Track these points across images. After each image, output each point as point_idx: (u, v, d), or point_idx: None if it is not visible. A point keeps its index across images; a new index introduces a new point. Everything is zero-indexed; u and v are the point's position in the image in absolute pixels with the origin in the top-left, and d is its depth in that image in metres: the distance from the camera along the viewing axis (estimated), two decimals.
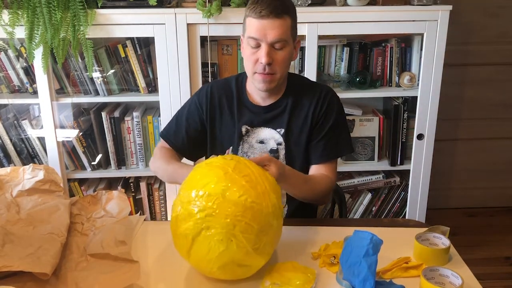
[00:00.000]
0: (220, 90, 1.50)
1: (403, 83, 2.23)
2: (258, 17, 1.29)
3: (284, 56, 1.35)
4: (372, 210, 2.45)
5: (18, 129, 2.18)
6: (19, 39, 2.06)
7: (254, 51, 1.34)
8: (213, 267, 1.02)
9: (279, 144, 1.45)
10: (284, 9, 1.31)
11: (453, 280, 1.01)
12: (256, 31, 1.30)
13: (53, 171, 1.38)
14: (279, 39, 1.31)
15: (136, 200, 2.34)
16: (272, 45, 1.32)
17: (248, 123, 1.46)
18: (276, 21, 1.29)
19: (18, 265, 1.01)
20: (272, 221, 1.04)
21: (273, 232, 1.05)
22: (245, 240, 0.99)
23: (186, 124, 1.51)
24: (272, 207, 1.03)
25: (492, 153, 2.88)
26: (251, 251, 1.00)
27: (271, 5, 1.28)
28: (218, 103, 1.49)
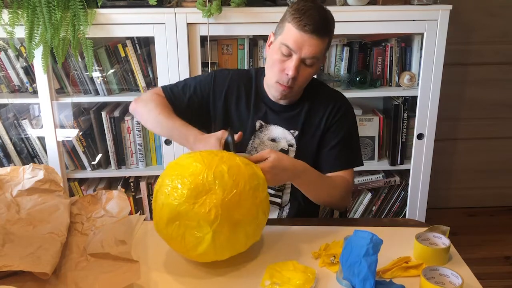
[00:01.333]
0: (241, 79, 1.48)
1: (403, 82, 2.23)
2: (300, 29, 1.26)
3: (311, 72, 1.34)
4: (372, 209, 2.45)
5: (18, 128, 2.18)
6: (19, 39, 2.06)
7: (283, 59, 1.31)
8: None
9: (291, 145, 1.44)
10: (327, 30, 1.30)
11: (453, 280, 1.01)
12: (294, 42, 1.28)
13: (53, 171, 1.38)
14: (313, 56, 1.29)
15: (136, 199, 2.34)
16: (303, 60, 1.30)
17: (263, 119, 1.45)
18: (316, 40, 1.27)
19: (18, 264, 1.01)
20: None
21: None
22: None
23: (193, 92, 1.47)
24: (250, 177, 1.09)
25: (492, 153, 2.88)
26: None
27: (317, 23, 1.26)
28: (237, 91, 1.47)
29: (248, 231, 1.08)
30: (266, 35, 2.14)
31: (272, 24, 1.99)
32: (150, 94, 1.46)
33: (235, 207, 1.04)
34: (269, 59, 1.37)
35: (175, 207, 1.04)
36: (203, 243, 1.04)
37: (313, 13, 1.26)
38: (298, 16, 1.26)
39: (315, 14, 1.26)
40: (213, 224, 1.02)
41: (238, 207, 1.05)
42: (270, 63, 1.36)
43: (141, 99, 1.46)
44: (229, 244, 1.07)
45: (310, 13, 1.26)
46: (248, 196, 1.06)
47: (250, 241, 1.12)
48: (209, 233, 1.02)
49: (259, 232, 1.14)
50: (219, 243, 1.04)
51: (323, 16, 1.28)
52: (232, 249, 1.09)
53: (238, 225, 1.05)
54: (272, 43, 1.37)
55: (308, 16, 1.26)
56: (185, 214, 1.03)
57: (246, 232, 1.08)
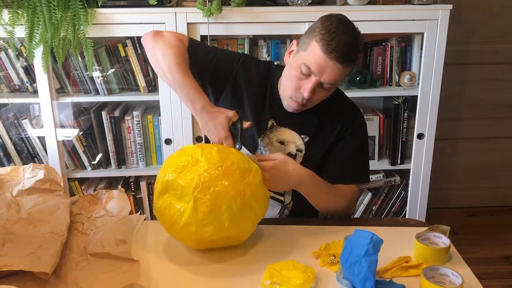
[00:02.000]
0: (262, 75, 1.43)
1: (403, 82, 2.23)
2: (326, 54, 1.20)
3: (325, 95, 1.31)
4: (372, 209, 2.45)
5: (18, 128, 2.18)
6: (19, 38, 2.06)
7: (301, 77, 1.26)
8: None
9: (299, 150, 1.40)
10: (353, 58, 1.25)
11: (453, 279, 1.01)
12: (316, 65, 1.22)
13: (53, 171, 1.38)
14: (332, 82, 1.26)
15: (136, 199, 2.34)
16: (321, 84, 1.26)
17: (275, 118, 1.41)
18: (340, 67, 1.22)
19: (18, 264, 1.01)
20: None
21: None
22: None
23: (215, 62, 1.40)
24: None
25: (492, 153, 2.88)
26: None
27: (345, 50, 1.20)
28: (258, 86, 1.41)
29: (232, 207, 1.07)
30: (266, 34, 2.16)
31: (272, 24, 2.02)
32: (174, 38, 1.35)
33: (218, 179, 1.07)
34: (288, 71, 1.32)
35: (164, 179, 1.11)
36: (186, 212, 1.07)
37: (343, 39, 1.20)
38: (327, 40, 1.19)
39: (345, 40, 1.20)
40: (195, 191, 1.05)
41: (222, 179, 1.07)
42: (287, 76, 1.31)
43: (163, 38, 1.35)
44: (211, 216, 1.06)
45: (340, 39, 1.19)
46: (234, 173, 1.09)
47: (236, 222, 1.10)
48: (191, 200, 1.05)
49: (248, 217, 1.12)
50: (201, 211, 1.06)
51: (352, 43, 1.22)
52: (215, 223, 1.07)
53: (220, 195, 1.06)
54: (294, 54, 1.31)
55: (338, 41, 1.19)
56: (171, 184, 1.09)
57: (230, 207, 1.07)
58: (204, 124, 1.25)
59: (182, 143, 2.13)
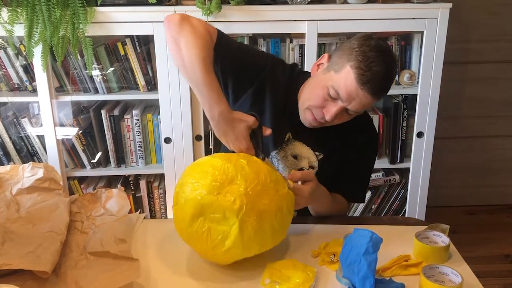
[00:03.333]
0: (284, 81, 1.34)
1: (403, 81, 2.23)
2: (359, 83, 1.14)
3: (349, 118, 1.26)
4: (371, 208, 2.45)
5: (18, 127, 2.18)
6: (18, 37, 2.06)
7: (327, 98, 1.20)
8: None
9: (312, 167, 1.36)
10: (386, 92, 1.21)
11: (453, 278, 1.01)
12: (347, 93, 1.16)
13: (53, 169, 1.38)
14: (359, 111, 1.22)
15: (136, 198, 2.34)
16: (347, 110, 1.21)
17: (292, 131, 1.35)
18: (371, 98, 1.17)
19: (18, 263, 1.01)
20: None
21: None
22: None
23: (242, 62, 1.30)
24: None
25: (492, 151, 2.88)
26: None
27: (379, 83, 1.15)
28: (283, 97, 1.33)
29: (274, 224, 1.05)
30: (265, 33, 2.15)
31: (271, 22, 2.01)
32: (203, 28, 1.19)
33: (259, 197, 1.02)
34: (313, 87, 1.25)
35: (198, 201, 1.02)
36: (230, 236, 1.01)
37: (379, 70, 1.14)
38: (363, 68, 1.13)
39: (381, 72, 1.14)
40: (239, 213, 1.00)
41: (262, 197, 1.03)
42: (312, 92, 1.25)
43: (191, 25, 1.18)
44: (257, 236, 1.03)
45: (377, 70, 1.13)
46: (270, 188, 1.05)
47: (277, 237, 1.09)
48: (236, 223, 1.00)
49: (285, 229, 1.11)
50: (247, 235, 1.01)
51: (388, 76, 1.17)
52: (260, 242, 1.06)
53: (264, 215, 1.03)
54: (323, 70, 1.25)
55: (374, 73, 1.13)
56: (209, 207, 1.01)
57: (272, 225, 1.05)
58: (223, 133, 1.15)
59: (181, 142, 2.13)
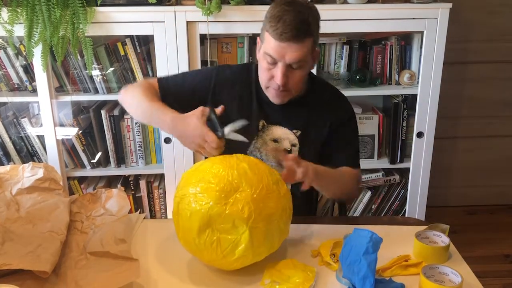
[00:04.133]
0: (242, 78, 1.44)
1: (403, 81, 2.23)
2: (277, 38, 1.22)
3: (301, 74, 1.31)
4: (371, 208, 2.45)
5: (18, 127, 2.18)
6: (18, 37, 2.06)
7: (270, 67, 1.28)
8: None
9: (293, 145, 1.42)
10: (306, 32, 1.23)
11: (453, 278, 1.01)
12: (274, 52, 1.24)
13: (53, 169, 1.38)
14: (298, 61, 1.25)
15: (136, 198, 2.34)
16: (290, 65, 1.26)
17: (265, 119, 1.42)
18: (296, 45, 1.22)
19: (18, 263, 1.01)
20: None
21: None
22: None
23: (191, 82, 1.44)
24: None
25: (492, 151, 2.88)
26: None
27: (293, 28, 1.20)
28: (239, 91, 1.43)
29: (280, 225, 1.06)
30: None
31: None
32: (141, 81, 1.43)
33: (265, 202, 1.03)
34: (260, 66, 1.34)
35: (206, 213, 1.00)
36: (240, 244, 1.01)
37: (288, 19, 1.20)
38: (274, 25, 1.21)
39: (291, 19, 1.20)
40: (249, 221, 1.00)
41: (268, 201, 1.03)
42: (260, 70, 1.34)
43: (130, 85, 1.42)
44: (266, 240, 1.04)
45: (286, 19, 1.20)
46: (274, 190, 1.06)
47: (283, 237, 1.10)
48: (246, 231, 1.00)
49: (288, 226, 1.12)
50: (257, 241, 1.02)
51: (301, 20, 1.22)
52: (268, 246, 1.06)
53: (271, 219, 1.04)
54: (259, 49, 1.34)
55: (284, 23, 1.20)
56: (217, 218, 1.00)
57: (279, 226, 1.06)
58: (180, 134, 1.23)
59: None
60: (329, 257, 1.12)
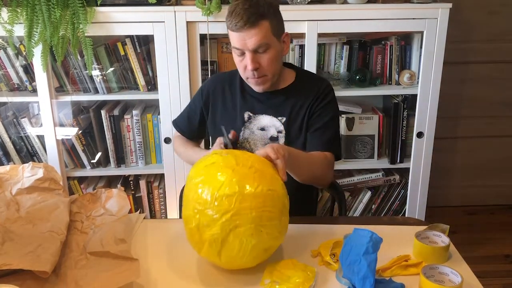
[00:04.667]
0: (224, 81, 1.57)
1: (403, 81, 2.23)
2: (234, 29, 1.34)
3: (270, 57, 1.38)
4: (371, 208, 2.45)
5: (18, 127, 2.18)
6: (18, 37, 2.06)
7: (240, 58, 1.39)
8: (246, 260, 1.05)
9: (280, 132, 1.49)
10: (258, 16, 1.32)
11: (453, 278, 1.01)
12: (236, 42, 1.36)
13: (53, 169, 1.38)
14: (259, 45, 1.34)
15: (136, 198, 2.34)
16: (256, 51, 1.36)
17: (250, 110, 1.51)
18: (252, 30, 1.32)
19: (18, 263, 1.01)
20: (285, 200, 1.09)
21: (287, 210, 1.10)
22: (272, 227, 1.03)
23: (193, 113, 1.62)
24: (283, 188, 1.09)
25: (492, 151, 2.88)
26: (278, 235, 1.06)
27: (244, 16, 1.31)
28: (221, 93, 1.55)
29: (285, 203, 1.10)
30: None
31: None
32: (174, 138, 1.69)
33: (267, 220, 1.04)
34: (235, 62, 1.44)
35: (224, 228, 1.01)
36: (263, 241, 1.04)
37: (238, 9, 1.31)
38: (229, 19, 1.34)
39: (240, 8, 1.31)
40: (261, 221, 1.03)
41: (270, 217, 1.04)
42: (237, 65, 1.44)
43: (174, 147, 1.71)
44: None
45: (236, 10, 1.32)
46: (266, 177, 1.07)
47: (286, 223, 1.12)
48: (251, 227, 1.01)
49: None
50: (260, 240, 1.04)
51: (250, 5, 1.31)
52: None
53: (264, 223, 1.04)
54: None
55: (235, 14, 1.32)
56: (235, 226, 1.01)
57: (284, 204, 1.10)
58: None
59: None
60: (329, 257, 1.12)
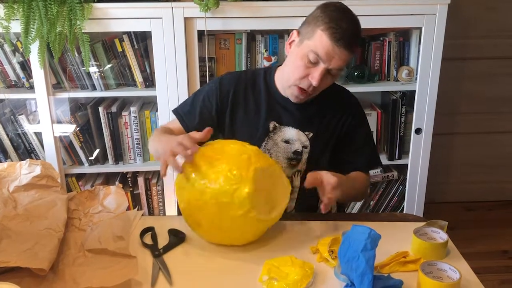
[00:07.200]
0: (246, 82, 1.45)
1: (401, 77, 2.23)
2: (334, 41, 1.22)
3: (332, 81, 1.34)
4: (370, 204, 2.45)
5: (15, 124, 2.17)
6: (15, 34, 2.05)
7: (308, 65, 1.28)
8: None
9: (304, 147, 1.42)
10: (356, 45, 1.28)
11: (451, 274, 1.01)
12: (325, 53, 1.24)
13: (50, 166, 1.37)
14: (340, 68, 1.28)
15: (134, 195, 2.33)
16: (329, 70, 1.28)
17: (276, 120, 1.42)
18: (347, 53, 1.25)
19: (16, 260, 1.01)
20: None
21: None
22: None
23: (202, 105, 1.45)
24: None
25: (490, 147, 2.89)
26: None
27: (350, 36, 1.23)
28: (244, 97, 1.44)
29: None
30: (263, 29, 2.15)
31: (269, 18, 2.01)
32: (159, 128, 1.47)
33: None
34: (293, 61, 1.32)
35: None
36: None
37: (347, 26, 1.23)
38: (333, 27, 1.22)
39: (350, 27, 1.24)
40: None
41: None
42: (292, 66, 1.32)
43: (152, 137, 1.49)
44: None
45: (346, 26, 1.23)
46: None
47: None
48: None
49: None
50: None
51: (356, 30, 1.27)
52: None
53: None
54: (296, 44, 1.32)
55: (344, 29, 1.23)
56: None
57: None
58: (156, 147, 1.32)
59: None
60: (328, 254, 1.12)
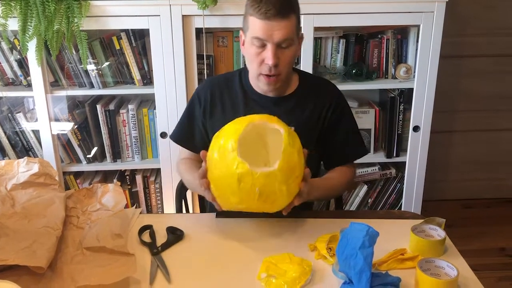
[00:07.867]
0: (222, 86, 1.47)
1: (399, 75, 2.23)
2: (263, 18, 1.24)
3: (291, 55, 1.32)
4: (368, 202, 2.46)
5: (13, 122, 2.17)
6: (12, 31, 2.04)
7: (259, 51, 1.30)
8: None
9: None
10: (290, 8, 1.27)
11: (449, 271, 1.01)
12: (262, 32, 1.26)
13: (48, 164, 1.37)
14: (285, 38, 1.27)
15: (132, 193, 2.33)
16: (279, 45, 1.28)
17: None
18: (282, 22, 1.25)
19: (14, 258, 1.01)
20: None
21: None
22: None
23: (193, 123, 1.50)
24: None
25: (488, 145, 2.89)
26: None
27: (276, 4, 1.23)
28: (220, 99, 1.46)
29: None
30: None
31: None
32: (178, 159, 1.55)
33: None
34: (247, 56, 1.36)
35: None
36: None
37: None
38: (256, 5, 1.25)
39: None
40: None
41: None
42: (249, 59, 1.36)
43: (176, 169, 1.57)
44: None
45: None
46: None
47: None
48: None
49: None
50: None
51: None
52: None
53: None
54: (244, 41, 1.36)
55: (266, 1, 1.23)
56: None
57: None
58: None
59: None
60: (326, 251, 1.12)
